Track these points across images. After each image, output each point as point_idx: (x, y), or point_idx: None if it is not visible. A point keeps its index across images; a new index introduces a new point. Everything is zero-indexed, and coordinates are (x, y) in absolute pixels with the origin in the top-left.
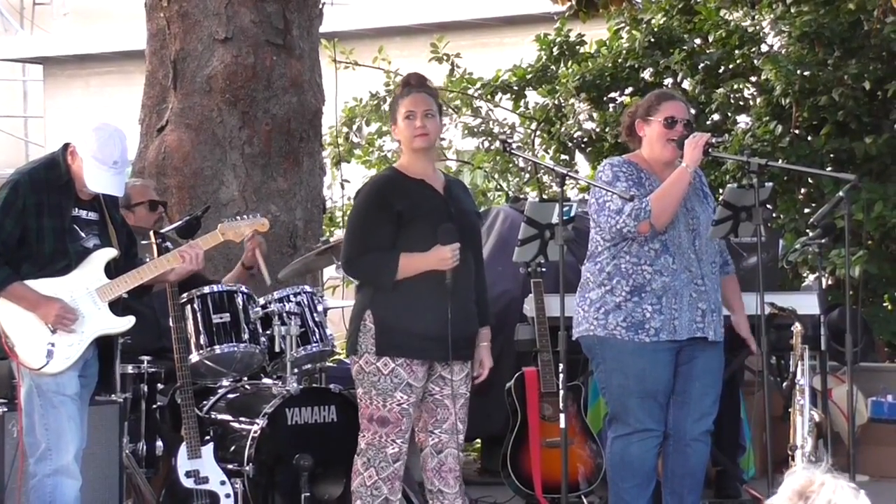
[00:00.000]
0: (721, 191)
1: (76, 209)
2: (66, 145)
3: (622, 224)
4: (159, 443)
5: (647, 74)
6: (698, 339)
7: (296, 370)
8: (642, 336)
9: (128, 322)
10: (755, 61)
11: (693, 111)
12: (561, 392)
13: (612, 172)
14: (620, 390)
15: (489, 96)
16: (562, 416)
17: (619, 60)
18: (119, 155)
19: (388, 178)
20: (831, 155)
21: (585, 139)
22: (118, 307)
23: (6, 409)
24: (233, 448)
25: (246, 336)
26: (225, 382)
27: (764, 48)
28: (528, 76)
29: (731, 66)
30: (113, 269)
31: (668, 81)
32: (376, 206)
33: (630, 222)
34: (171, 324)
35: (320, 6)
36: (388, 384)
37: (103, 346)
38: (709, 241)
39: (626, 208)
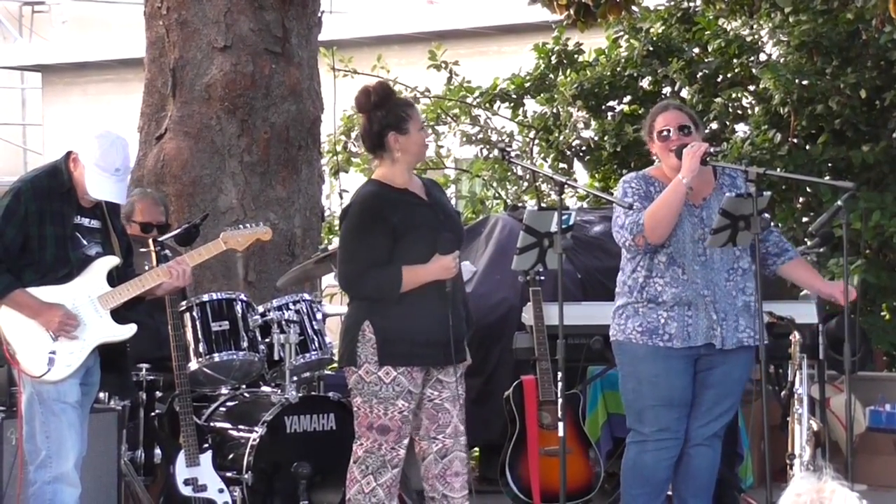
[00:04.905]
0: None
1: (78, 217)
2: (69, 153)
3: (622, 238)
4: (158, 450)
5: (645, 83)
6: (721, 349)
7: (294, 378)
8: (656, 340)
9: (129, 330)
10: (753, 70)
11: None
12: (559, 400)
13: (622, 189)
14: (634, 395)
15: (487, 104)
16: (560, 424)
17: (618, 69)
18: (121, 162)
19: (377, 193)
20: (829, 164)
21: (584, 148)
22: (119, 315)
23: (5, 416)
24: (231, 456)
25: (245, 344)
26: (224, 390)
27: (762, 57)
28: (527, 84)
29: (729, 75)
30: (115, 277)
31: (667, 90)
32: (372, 221)
33: (627, 236)
34: (170, 331)
35: (319, 14)
36: (390, 392)
37: (114, 354)
38: (724, 249)
39: (626, 222)
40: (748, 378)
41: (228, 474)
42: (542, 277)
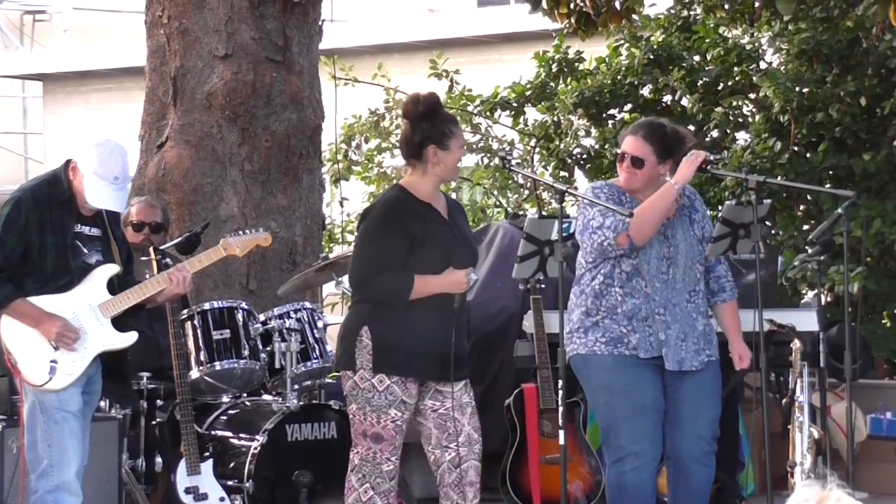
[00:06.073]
0: (720, 207)
1: (78, 225)
2: (68, 161)
3: (602, 237)
4: (159, 459)
5: (646, 91)
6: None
7: (296, 386)
8: (622, 349)
9: (130, 338)
10: (754, 78)
11: (691, 127)
12: (560, 408)
13: (593, 195)
14: (607, 408)
15: (488, 113)
16: (561, 432)
17: (618, 77)
18: (120, 170)
19: (401, 199)
20: (830, 172)
21: (584, 156)
22: (120, 323)
23: (6, 426)
24: (232, 464)
25: (246, 352)
26: (225, 398)
27: (762, 65)
28: (527, 93)
29: (729, 83)
30: (116, 285)
31: (667, 99)
32: (392, 225)
33: (609, 234)
34: (171, 340)
35: (320, 23)
36: (382, 401)
37: (116, 363)
38: (686, 270)
39: (606, 222)
40: (720, 389)
41: (229, 483)
42: (543, 285)
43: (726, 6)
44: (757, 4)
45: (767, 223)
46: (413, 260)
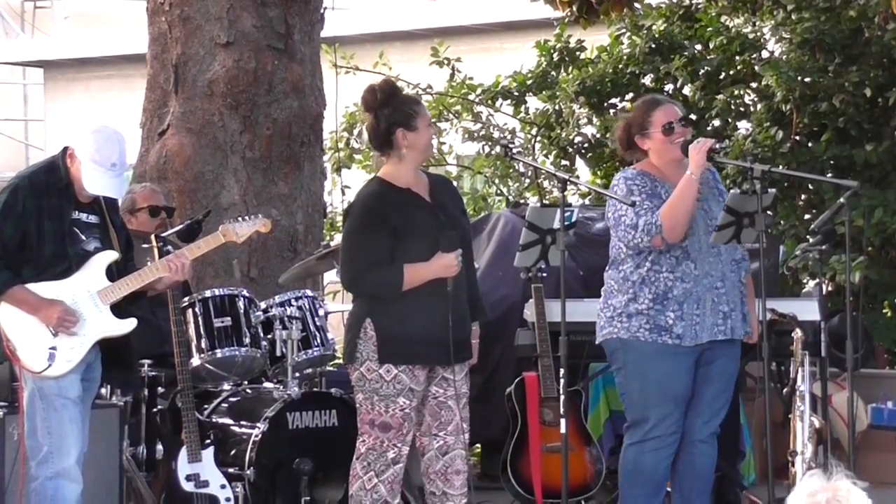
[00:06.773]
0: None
1: (76, 212)
2: (66, 148)
3: (637, 239)
4: (160, 446)
5: (647, 80)
6: (719, 340)
7: (297, 374)
8: (665, 338)
9: (129, 324)
10: (756, 67)
11: (693, 116)
12: (561, 397)
13: (625, 187)
14: (640, 395)
15: (489, 101)
16: (562, 421)
17: (620, 66)
18: (118, 157)
19: (379, 192)
20: (832, 161)
21: (585, 144)
22: (120, 310)
23: (6, 412)
24: (233, 452)
25: (247, 340)
26: (226, 386)
27: (765, 54)
28: (529, 81)
29: (731, 73)
30: (114, 272)
31: (669, 87)
32: (373, 220)
33: (644, 237)
34: (172, 327)
35: (321, 11)
36: (391, 390)
37: (119, 349)
38: None
39: (639, 223)
40: (737, 372)
41: (230, 470)
42: (545, 274)
43: None
44: None
45: (770, 213)
46: (400, 251)
